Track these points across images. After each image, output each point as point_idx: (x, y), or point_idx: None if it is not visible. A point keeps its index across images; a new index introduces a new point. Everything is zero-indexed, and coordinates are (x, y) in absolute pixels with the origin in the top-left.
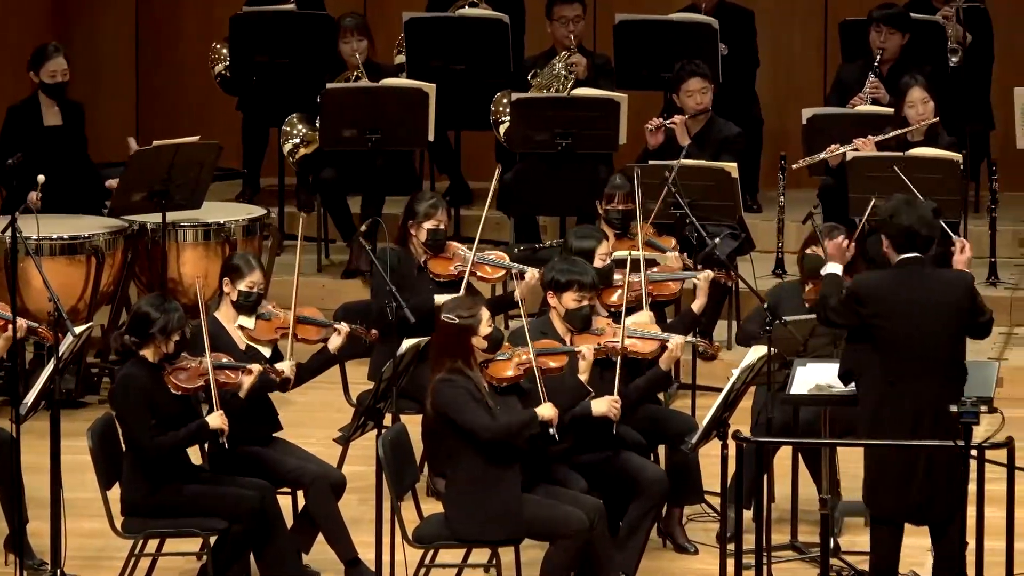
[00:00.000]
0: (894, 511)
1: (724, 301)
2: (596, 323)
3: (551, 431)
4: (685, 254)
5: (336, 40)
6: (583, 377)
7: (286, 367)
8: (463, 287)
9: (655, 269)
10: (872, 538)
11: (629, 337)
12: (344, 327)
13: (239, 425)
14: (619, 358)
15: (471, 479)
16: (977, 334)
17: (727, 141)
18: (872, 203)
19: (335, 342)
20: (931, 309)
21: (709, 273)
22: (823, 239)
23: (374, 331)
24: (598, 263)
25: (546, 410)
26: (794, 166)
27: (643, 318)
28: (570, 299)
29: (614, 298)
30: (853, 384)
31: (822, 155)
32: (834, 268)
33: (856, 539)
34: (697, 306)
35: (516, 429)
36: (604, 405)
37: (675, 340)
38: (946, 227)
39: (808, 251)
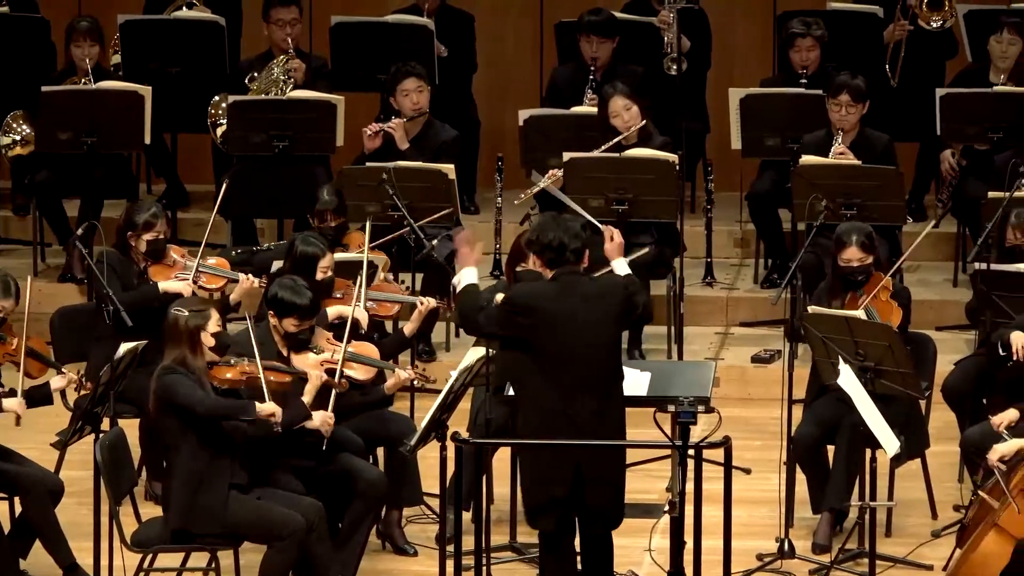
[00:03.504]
0: (555, 523)
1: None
2: (316, 340)
3: (276, 429)
4: (389, 269)
5: (47, 40)
6: (307, 399)
7: (15, 405)
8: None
9: (375, 281)
10: (544, 557)
11: (350, 361)
12: (71, 375)
13: None
14: (338, 371)
15: (185, 473)
16: (637, 324)
17: (444, 144)
18: None
19: (58, 384)
20: (589, 317)
21: (431, 301)
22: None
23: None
24: (319, 275)
25: (267, 406)
26: (516, 202)
27: (356, 315)
28: (289, 324)
29: (332, 310)
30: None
31: (542, 184)
32: (469, 277)
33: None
34: (408, 330)
35: (231, 410)
36: (318, 419)
37: (400, 373)
38: (593, 220)
39: (518, 269)
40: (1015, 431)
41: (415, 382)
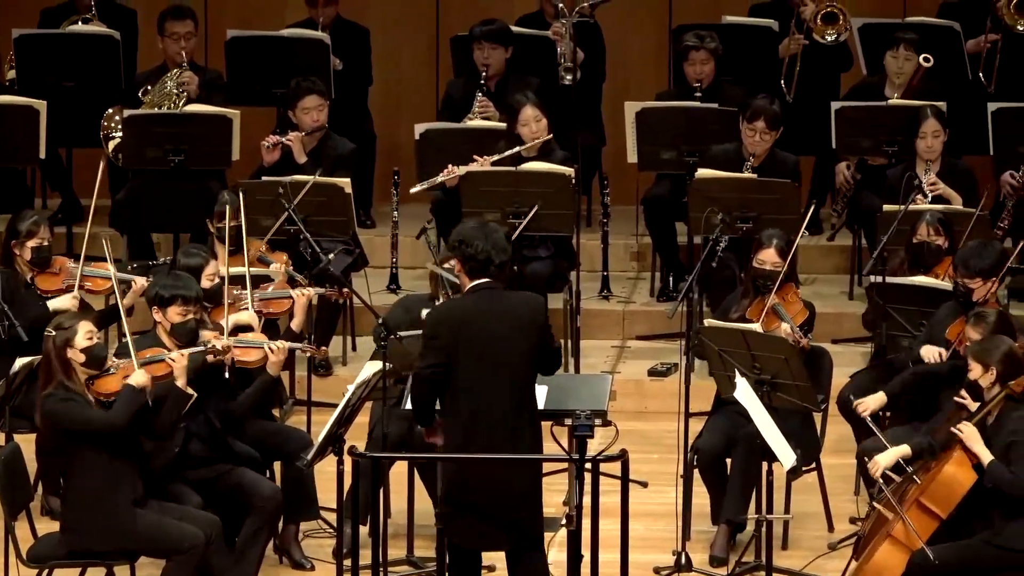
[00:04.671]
0: (474, 539)
1: (338, 317)
2: (203, 336)
3: (148, 401)
4: (291, 267)
5: None
6: (180, 383)
7: None
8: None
9: (269, 288)
10: (451, 566)
11: (235, 346)
12: None
13: None
14: (227, 366)
15: (84, 493)
16: (547, 366)
17: (342, 158)
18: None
19: None
20: (508, 330)
21: (309, 291)
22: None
23: None
24: (205, 283)
25: (137, 377)
26: (412, 190)
27: (244, 317)
28: (175, 313)
29: (223, 316)
30: None
31: (439, 178)
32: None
33: None
34: (295, 324)
35: (123, 415)
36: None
37: (276, 345)
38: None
39: (446, 266)
40: (896, 437)
41: (308, 355)
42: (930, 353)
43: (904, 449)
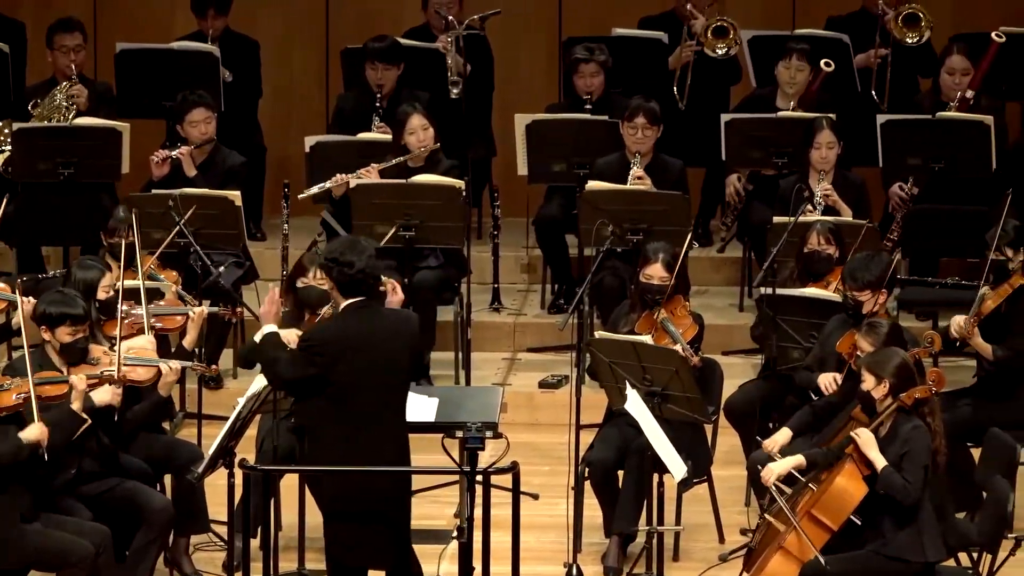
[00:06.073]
0: (362, 557)
1: (228, 331)
2: (93, 352)
3: (41, 452)
4: (181, 286)
5: None
6: (75, 406)
7: None
8: None
9: (161, 302)
10: None
11: (126, 364)
12: None
13: None
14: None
15: None
16: (416, 377)
17: (232, 170)
18: None
19: None
20: (389, 348)
21: (203, 309)
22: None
23: None
24: (101, 295)
25: (32, 432)
26: (300, 196)
27: (140, 342)
28: (64, 333)
29: (116, 329)
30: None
31: (327, 184)
32: (270, 328)
33: None
34: (188, 341)
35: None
36: (107, 395)
37: (170, 364)
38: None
39: (299, 284)
40: (792, 449)
41: (200, 375)
42: (825, 381)
43: (798, 459)
